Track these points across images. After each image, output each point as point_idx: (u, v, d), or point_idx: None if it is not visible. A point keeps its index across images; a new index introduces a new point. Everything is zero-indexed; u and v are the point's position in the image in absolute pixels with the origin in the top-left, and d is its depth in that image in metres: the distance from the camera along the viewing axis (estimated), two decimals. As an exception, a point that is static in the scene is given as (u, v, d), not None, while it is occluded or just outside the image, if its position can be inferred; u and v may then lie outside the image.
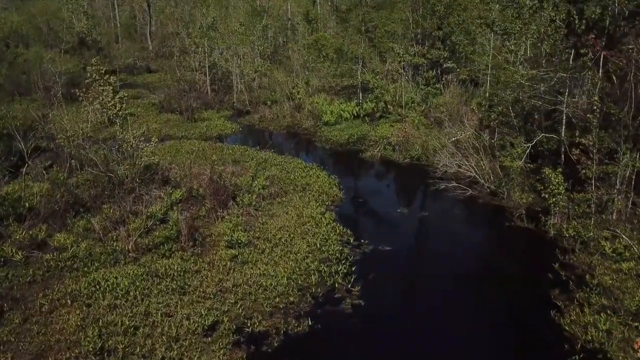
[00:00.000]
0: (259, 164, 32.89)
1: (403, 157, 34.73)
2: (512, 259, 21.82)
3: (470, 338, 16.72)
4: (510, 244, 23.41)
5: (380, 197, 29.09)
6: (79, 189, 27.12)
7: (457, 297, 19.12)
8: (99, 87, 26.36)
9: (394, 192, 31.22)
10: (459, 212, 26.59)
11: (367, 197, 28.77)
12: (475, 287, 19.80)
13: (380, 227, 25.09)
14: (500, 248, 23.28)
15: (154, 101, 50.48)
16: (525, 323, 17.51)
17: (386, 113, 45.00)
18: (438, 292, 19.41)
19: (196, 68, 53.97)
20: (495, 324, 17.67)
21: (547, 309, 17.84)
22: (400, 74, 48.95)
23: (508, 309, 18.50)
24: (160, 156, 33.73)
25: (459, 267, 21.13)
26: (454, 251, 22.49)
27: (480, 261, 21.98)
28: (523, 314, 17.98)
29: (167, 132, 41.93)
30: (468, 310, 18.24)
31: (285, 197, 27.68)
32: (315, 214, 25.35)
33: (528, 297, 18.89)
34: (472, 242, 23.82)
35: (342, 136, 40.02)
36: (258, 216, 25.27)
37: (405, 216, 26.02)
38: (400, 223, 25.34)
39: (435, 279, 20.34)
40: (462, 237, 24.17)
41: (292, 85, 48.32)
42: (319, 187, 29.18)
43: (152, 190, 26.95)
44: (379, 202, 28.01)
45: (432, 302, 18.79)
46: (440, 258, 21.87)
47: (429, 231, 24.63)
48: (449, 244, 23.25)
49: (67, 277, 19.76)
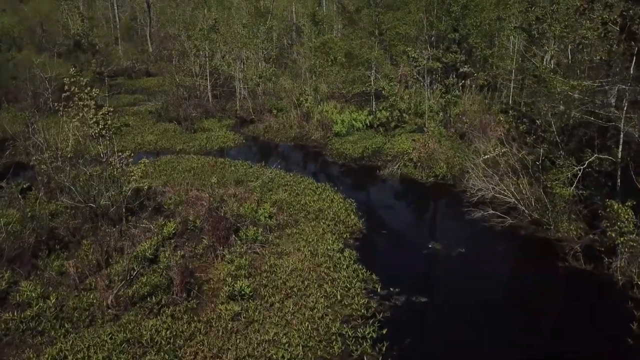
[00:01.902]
0: (265, 184, 28.58)
1: (426, 176, 30.36)
2: (575, 315, 17.52)
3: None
4: (571, 293, 19.05)
5: (406, 227, 24.68)
6: (56, 220, 22.89)
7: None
8: (78, 102, 22.03)
9: (421, 220, 26.76)
10: (502, 249, 22.25)
11: (391, 228, 24.35)
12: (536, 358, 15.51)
13: (411, 268, 20.76)
14: (558, 298, 18.91)
15: (151, 109, 46.17)
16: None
17: (401, 122, 40.66)
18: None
19: (196, 73, 49.60)
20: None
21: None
22: (417, 79, 44.60)
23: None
24: (154, 175, 29.54)
25: (513, 327, 16.84)
26: (505, 303, 18.23)
27: (537, 318, 17.55)
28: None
29: (164, 145, 37.64)
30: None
31: (295, 228, 23.40)
32: (333, 252, 21.07)
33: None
34: (522, 289, 19.43)
35: (356, 149, 35.69)
36: (265, 254, 20.97)
37: (438, 253, 21.68)
38: (434, 263, 21.03)
39: (485, 342, 16.04)
40: (509, 282, 19.91)
41: (299, 92, 43.95)
42: (335, 213, 24.90)
43: (142, 221, 22.68)
44: (405, 234, 23.63)
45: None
46: (488, 313, 17.54)
47: (470, 274, 20.23)
48: (497, 292, 18.97)
49: (28, 345, 15.50)
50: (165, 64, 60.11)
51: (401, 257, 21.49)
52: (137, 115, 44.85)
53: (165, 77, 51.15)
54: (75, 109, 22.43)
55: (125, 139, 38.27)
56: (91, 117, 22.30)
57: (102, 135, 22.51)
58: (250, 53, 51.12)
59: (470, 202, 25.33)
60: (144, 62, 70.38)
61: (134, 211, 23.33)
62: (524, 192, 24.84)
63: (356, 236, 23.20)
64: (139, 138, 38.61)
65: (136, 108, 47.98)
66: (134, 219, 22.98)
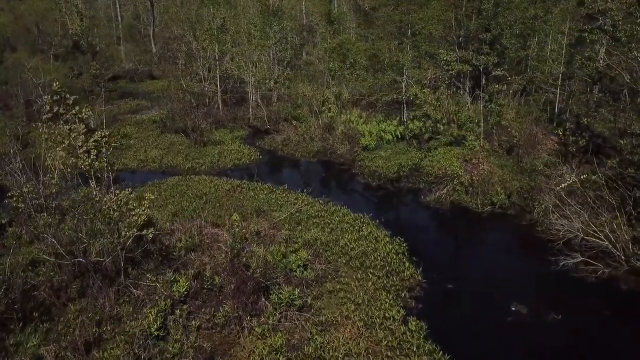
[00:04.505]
0: (291, 215, 23.32)
1: (482, 204, 25.06)
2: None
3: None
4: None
5: (475, 278, 19.03)
6: (37, 272, 17.65)
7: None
8: (63, 126, 16.75)
9: (491, 268, 20.19)
10: (608, 312, 16.90)
11: (456, 280, 18.78)
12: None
13: (499, 347, 15.46)
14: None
15: (155, 118, 40.82)
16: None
17: (435, 134, 35.38)
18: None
19: (204, 77, 44.19)
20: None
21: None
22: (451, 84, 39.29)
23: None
24: (159, 203, 24.32)
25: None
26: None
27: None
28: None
29: (170, 162, 32.30)
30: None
31: (337, 282, 18.15)
32: (393, 321, 15.85)
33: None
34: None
35: (390, 167, 30.40)
36: (305, 326, 15.72)
37: (527, 321, 16.40)
38: (528, 337, 15.70)
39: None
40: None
41: (320, 100, 38.56)
42: (383, 259, 19.65)
43: (145, 276, 17.40)
44: (477, 290, 18.15)
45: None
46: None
47: (579, 355, 15.02)
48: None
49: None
50: (169, 66, 54.70)
51: (481, 327, 16.17)
52: (139, 125, 39.48)
53: (171, 82, 45.68)
54: (60, 134, 17.11)
55: (126, 155, 33.08)
56: (80, 145, 16.99)
57: (93, 166, 17.17)
58: (263, 55, 45.70)
59: (548, 240, 19.97)
60: (147, 64, 64.93)
61: (135, 261, 18.07)
62: (617, 232, 19.59)
63: (416, 293, 17.91)
64: (141, 154, 33.29)
65: (139, 116, 42.58)
66: (135, 272, 17.72)
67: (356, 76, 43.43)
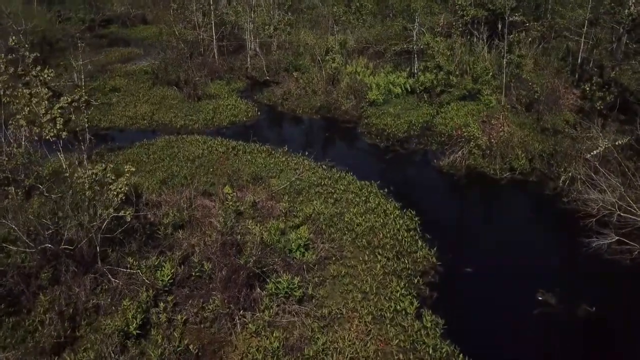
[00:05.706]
0: (291, 184, 21.01)
1: (500, 169, 22.65)
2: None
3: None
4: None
5: (496, 261, 16.72)
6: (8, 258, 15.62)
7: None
8: (23, 91, 14.18)
9: (513, 248, 17.45)
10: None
11: (475, 262, 16.52)
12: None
13: (526, 349, 13.47)
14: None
15: (147, 68, 37.82)
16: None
17: (447, 87, 32.48)
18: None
19: (199, 24, 40.75)
20: None
21: None
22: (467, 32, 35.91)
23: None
24: (147, 168, 22.09)
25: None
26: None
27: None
28: None
29: (161, 119, 29.72)
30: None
31: (342, 265, 16.09)
32: (406, 316, 13.87)
33: None
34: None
35: (399, 125, 27.83)
36: (305, 321, 13.76)
37: (557, 314, 14.38)
38: (559, 336, 13.70)
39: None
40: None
41: (323, 48, 35.37)
42: (393, 237, 17.52)
43: (126, 260, 15.34)
44: (499, 275, 15.99)
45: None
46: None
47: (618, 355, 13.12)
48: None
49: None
50: (162, 11, 50.92)
51: (504, 323, 14.07)
52: (130, 77, 36.59)
53: (162, 29, 42.30)
54: (21, 100, 14.58)
55: (115, 111, 30.49)
56: (44, 113, 14.48)
57: (61, 137, 14.74)
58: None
59: (582, 222, 17.66)
60: (141, 7, 60.89)
61: (115, 241, 15.96)
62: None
63: (431, 279, 15.84)
64: (130, 110, 30.64)
65: (129, 66, 39.56)
66: (114, 254, 15.65)
67: (362, 22, 39.96)
